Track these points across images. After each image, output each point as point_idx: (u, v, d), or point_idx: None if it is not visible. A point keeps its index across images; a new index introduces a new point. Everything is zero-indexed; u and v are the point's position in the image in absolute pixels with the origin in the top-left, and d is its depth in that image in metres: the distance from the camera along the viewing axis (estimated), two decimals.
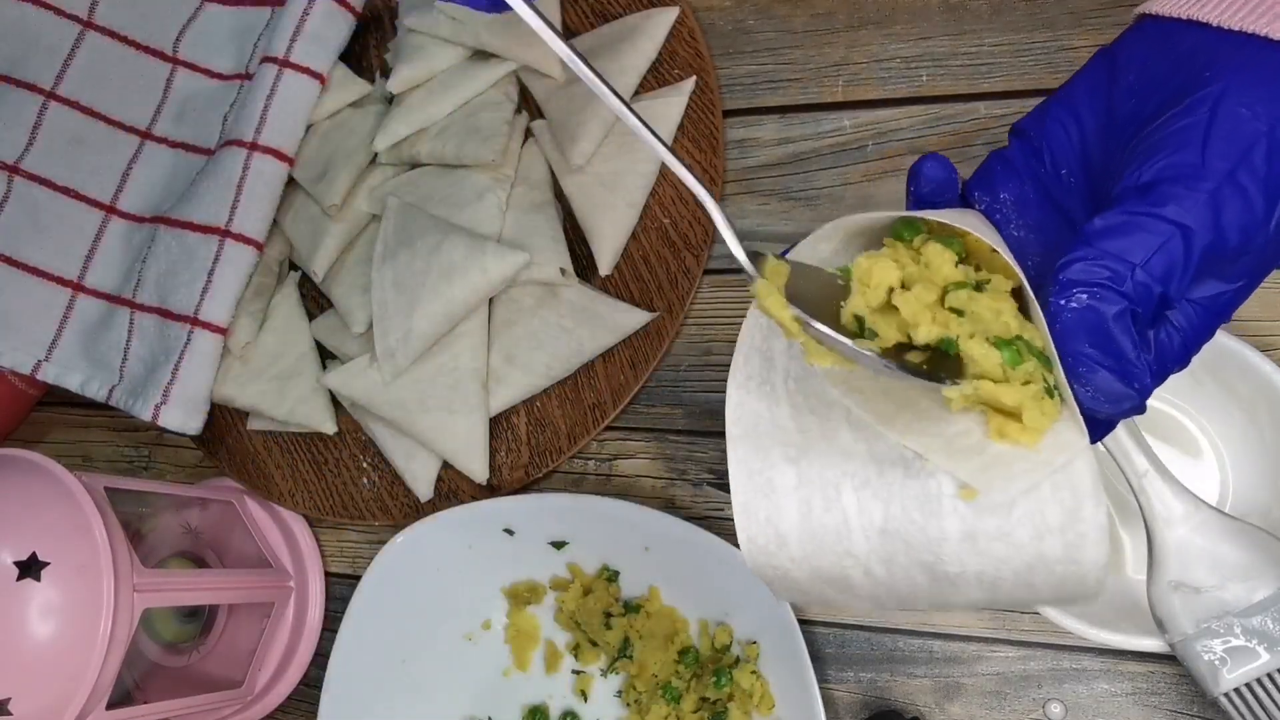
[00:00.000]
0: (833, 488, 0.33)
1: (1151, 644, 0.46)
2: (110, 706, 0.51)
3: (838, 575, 0.34)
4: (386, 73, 0.68)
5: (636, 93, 0.62)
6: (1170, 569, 0.43)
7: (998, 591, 0.33)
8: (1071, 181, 0.36)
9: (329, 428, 0.64)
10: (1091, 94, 0.35)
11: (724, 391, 0.60)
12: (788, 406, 0.35)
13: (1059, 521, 0.31)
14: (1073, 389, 0.31)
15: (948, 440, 0.32)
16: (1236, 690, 0.42)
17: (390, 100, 0.67)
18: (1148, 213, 0.30)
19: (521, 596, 0.60)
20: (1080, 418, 0.31)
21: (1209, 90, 0.31)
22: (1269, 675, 0.42)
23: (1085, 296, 0.30)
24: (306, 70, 0.65)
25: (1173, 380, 0.49)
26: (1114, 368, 0.30)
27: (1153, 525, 0.43)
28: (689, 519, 0.55)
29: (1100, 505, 0.31)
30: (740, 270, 0.36)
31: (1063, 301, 0.30)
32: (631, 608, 0.58)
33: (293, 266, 0.69)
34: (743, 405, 0.36)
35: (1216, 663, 0.42)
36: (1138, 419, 0.45)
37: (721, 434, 0.59)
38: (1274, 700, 0.42)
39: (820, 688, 0.52)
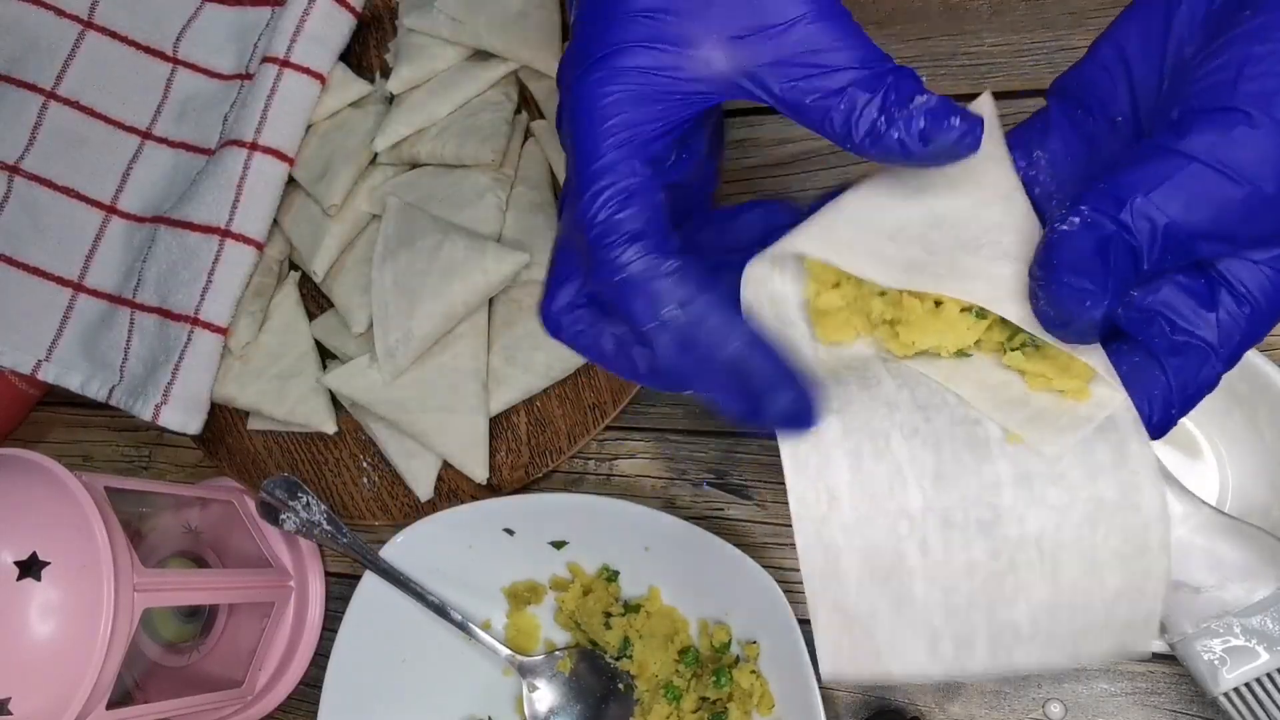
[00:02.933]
0: (881, 437, 0.32)
1: (1151, 644, 0.46)
2: (110, 706, 0.51)
3: (892, 556, 0.32)
4: (386, 73, 0.68)
5: None
6: (1170, 569, 0.43)
7: (1060, 579, 0.31)
8: (1122, 127, 0.35)
9: (329, 428, 0.64)
10: (1144, 34, 0.34)
11: None
12: (821, 369, 0.34)
13: (1109, 459, 0.31)
14: (1036, 298, 0.30)
15: (992, 390, 0.32)
16: (1236, 690, 0.42)
17: (390, 100, 0.67)
18: (1167, 146, 0.29)
19: (521, 596, 0.60)
20: (1111, 369, 0.31)
21: (1250, 25, 0.30)
22: (1269, 675, 0.42)
23: (1077, 220, 0.30)
24: (307, 70, 0.65)
25: None
26: (1075, 285, 0.29)
27: None
28: (689, 519, 0.55)
29: (1146, 444, 0.31)
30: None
31: (1058, 224, 0.30)
32: (631, 608, 0.58)
33: (293, 266, 0.69)
34: None
35: (1216, 662, 0.42)
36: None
37: (721, 434, 0.59)
38: (1274, 700, 0.42)
39: (820, 687, 0.52)
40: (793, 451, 0.32)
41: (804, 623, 0.55)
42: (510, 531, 0.59)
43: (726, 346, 0.32)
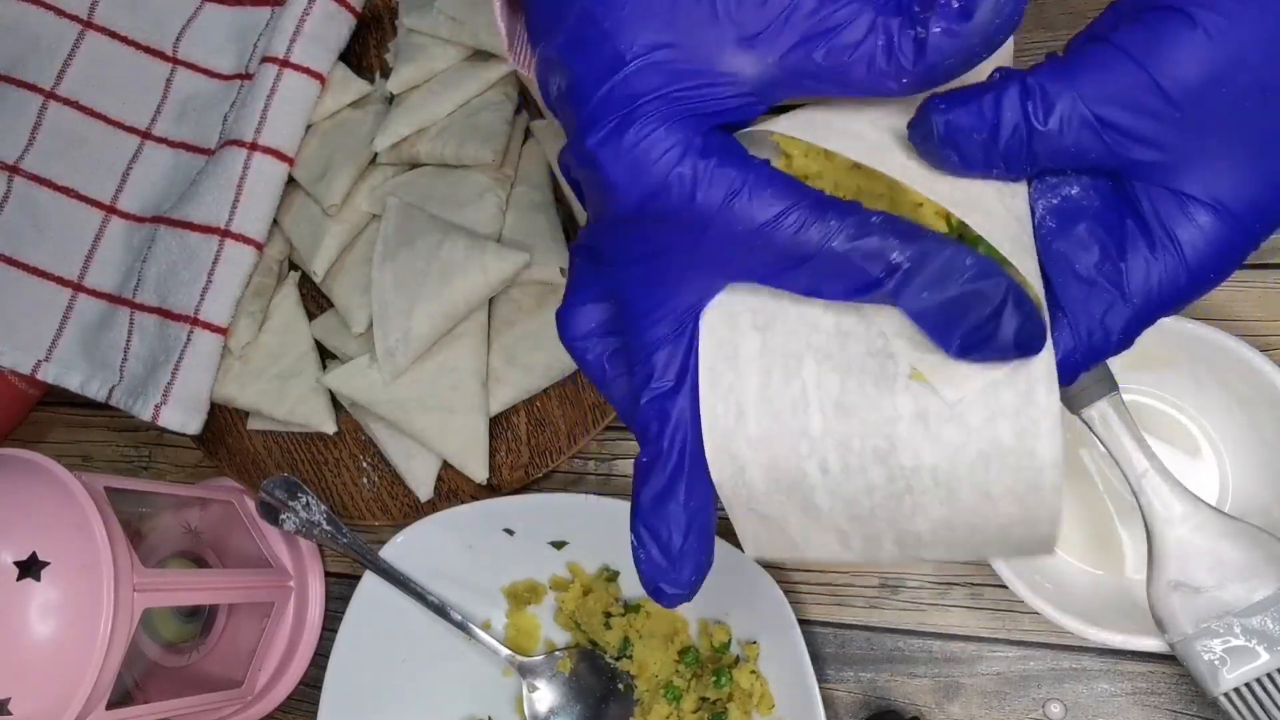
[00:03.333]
0: (794, 359, 0.32)
1: (1151, 644, 0.46)
2: (110, 706, 0.51)
3: (794, 473, 0.33)
4: (386, 73, 0.68)
5: None
6: (1170, 569, 0.43)
7: (956, 503, 0.32)
8: None
9: (329, 428, 0.64)
10: None
11: None
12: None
13: (1013, 404, 0.30)
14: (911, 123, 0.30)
15: (913, 332, 0.31)
16: (1236, 690, 0.42)
17: (390, 100, 0.67)
18: (1096, 35, 0.29)
19: (521, 596, 0.60)
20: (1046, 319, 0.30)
21: None
22: (1269, 675, 0.42)
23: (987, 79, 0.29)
24: (306, 70, 0.65)
25: (1173, 380, 0.50)
26: (965, 117, 0.29)
27: (1152, 525, 0.43)
28: None
29: (1054, 394, 0.30)
30: None
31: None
32: (631, 607, 0.58)
33: (293, 266, 0.69)
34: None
35: (1216, 663, 0.42)
36: (1137, 419, 0.45)
37: None
38: (1274, 700, 0.42)
39: (820, 687, 0.52)
40: (710, 365, 0.33)
41: (804, 622, 0.56)
42: (510, 531, 0.59)
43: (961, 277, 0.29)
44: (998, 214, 0.31)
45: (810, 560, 0.35)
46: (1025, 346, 0.29)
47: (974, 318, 0.29)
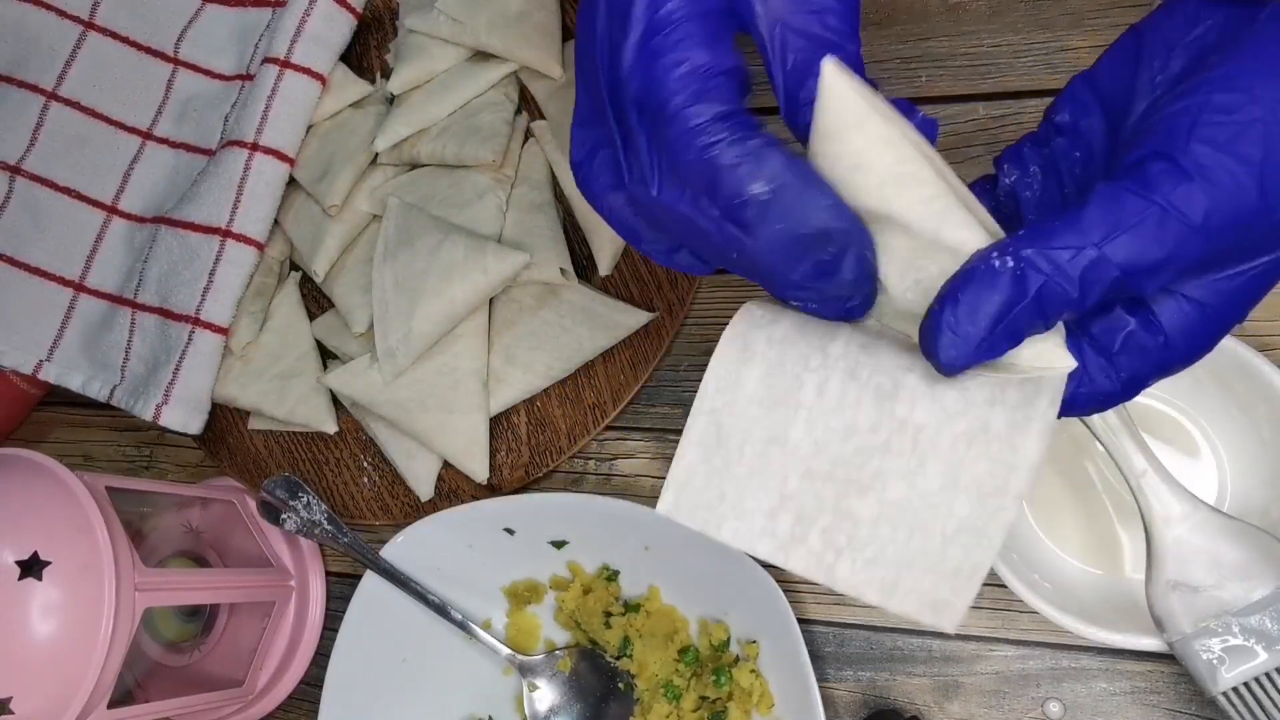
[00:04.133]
0: (827, 333, 0.34)
1: (1150, 643, 0.46)
2: (111, 705, 0.51)
3: (791, 384, 0.33)
4: (387, 73, 0.68)
5: None
6: (1168, 568, 0.43)
7: (919, 484, 0.32)
8: (1079, 160, 0.36)
9: (329, 427, 0.64)
10: (1114, 71, 0.35)
11: None
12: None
13: (1015, 400, 0.31)
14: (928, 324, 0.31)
15: None
16: (1235, 689, 0.42)
17: (391, 101, 0.67)
18: (1128, 189, 0.29)
19: (521, 596, 0.60)
20: (1064, 345, 0.31)
21: (1213, 73, 0.30)
22: (1267, 674, 0.42)
23: (987, 258, 0.30)
24: (307, 71, 0.65)
25: (1172, 380, 0.50)
26: (951, 327, 0.30)
27: (1151, 525, 0.44)
28: None
29: (1054, 408, 0.31)
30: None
31: (994, 259, 0.30)
32: (631, 607, 0.58)
33: (294, 266, 0.69)
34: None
35: (1215, 662, 0.42)
36: (1137, 419, 0.45)
37: None
38: (1272, 699, 0.42)
39: (820, 687, 0.52)
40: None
41: (804, 622, 0.56)
42: (510, 531, 0.59)
43: (814, 218, 0.31)
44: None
45: (719, 536, 0.35)
46: (853, 305, 0.32)
47: (816, 255, 0.31)
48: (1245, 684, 0.42)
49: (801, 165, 0.31)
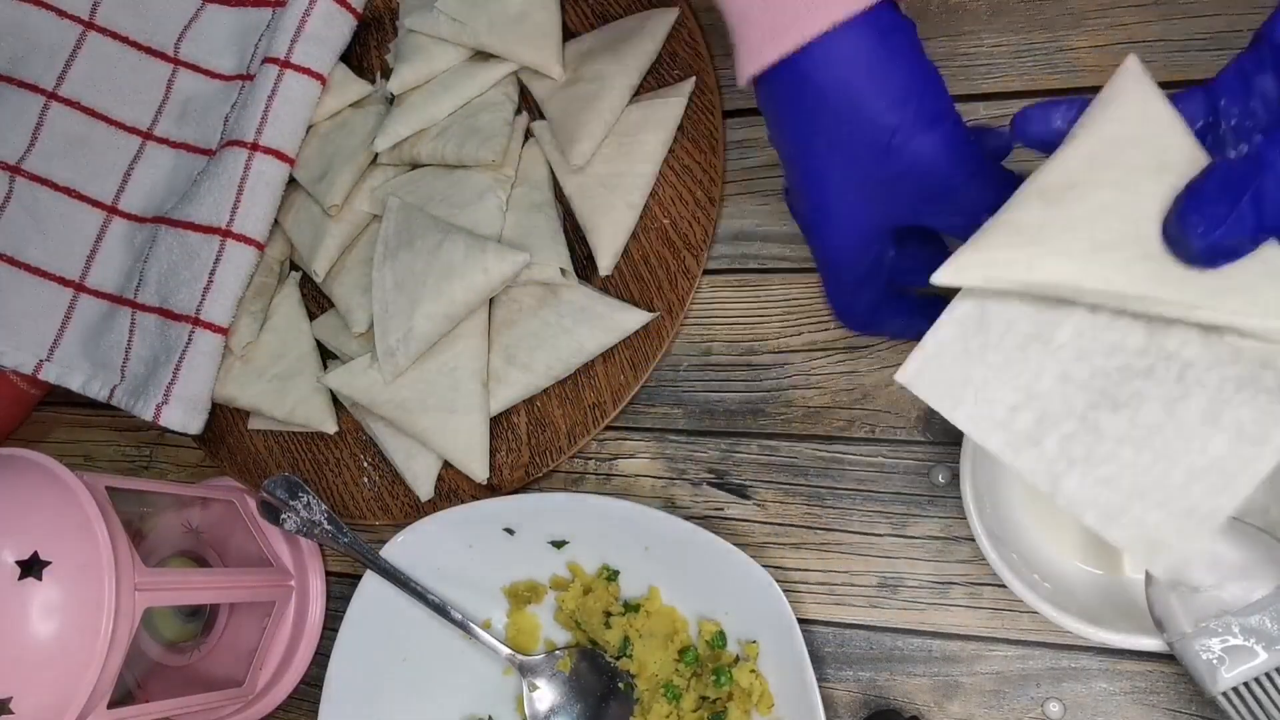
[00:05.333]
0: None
1: (1150, 643, 0.46)
2: (111, 705, 0.51)
3: (1067, 291, 0.33)
4: (387, 73, 0.68)
5: (637, 93, 0.62)
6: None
7: (1177, 415, 0.32)
8: None
9: (329, 427, 0.64)
10: None
11: (723, 391, 0.60)
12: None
13: None
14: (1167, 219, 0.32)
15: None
16: (1235, 689, 0.42)
17: (391, 101, 0.67)
18: None
19: (521, 596, 0.60)
20: None
21: None
22: (1267, 674, 0.42)
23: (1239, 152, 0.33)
24: (307, 71, 0.65)
25: None
26: (1203, 211, 0.31)
27: None
28: (689, 519, 0.55)
29: None
30: (737, 270, 0.36)
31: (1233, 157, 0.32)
32: (631, 607, 0.58)
33: (294, 266, 0.69)
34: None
35: (1214, 661, 0.42)
36: None
37: (721, 434, 0.59)
38: (1272, 699, 0.42)
39: (820, 687, 0.52)
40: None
41: (804, 622, 0.56)
42: (510, 531, 0.59)
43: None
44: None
45: (943, 413, 0.35)
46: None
47: None
48: (1245, 684, 0.42)
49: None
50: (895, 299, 0.46)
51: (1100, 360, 0.33)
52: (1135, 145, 0.34)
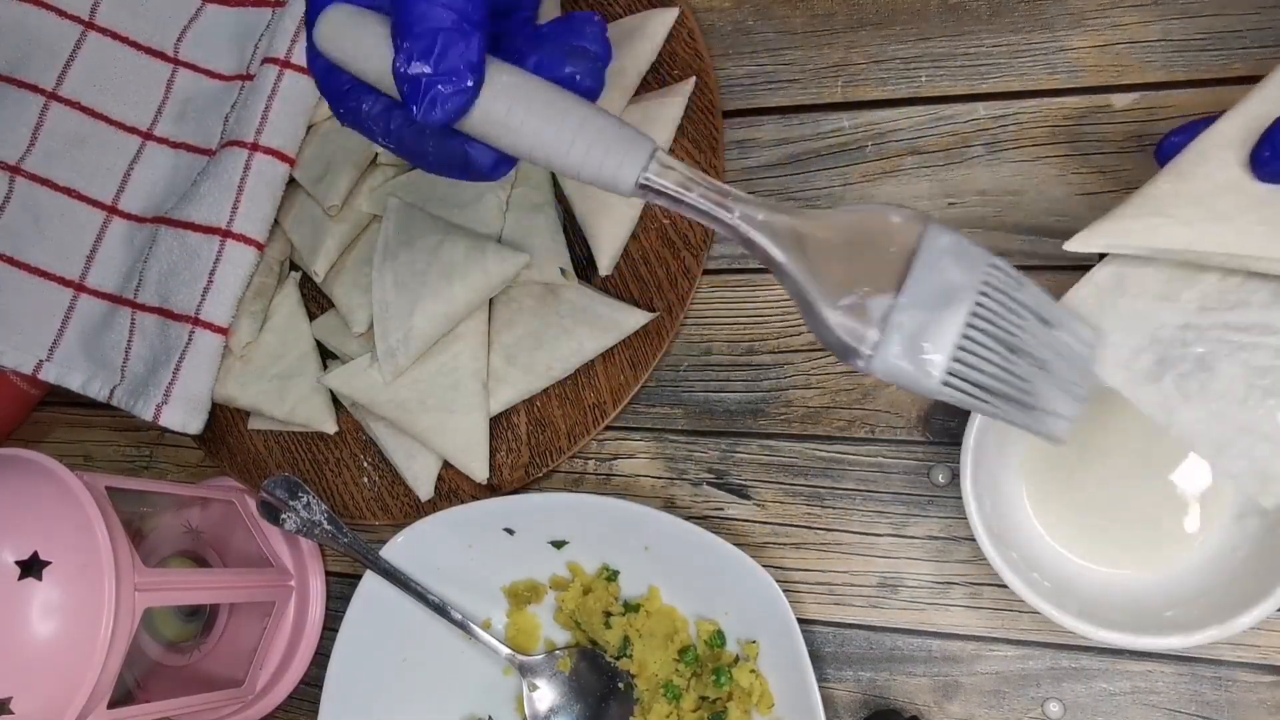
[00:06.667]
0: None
1: (1150, 643, 0.46)
2: (111, 705, 0.51)
3: (1197, 269, 0.38)
4: None
5: (637, 93, 0.62)
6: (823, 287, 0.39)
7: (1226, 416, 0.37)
8: None
9: (329, 427, 0.64)
10: None
11: (723, 391, 0.60)
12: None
13: None
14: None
15: None
16: (949, 373, 0.36)
17: None
18: None
19: (521, 596, 0.60)
20: None
21: None
22: (964, 335, 0.36)
23: None
24: (307, 71, 0.65)
25: None
26: None
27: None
28: (689, 519, 0.56)
29: None
30: (737, 270, 0.36)
31: None
32: (631, 607, 0.58)
33: (294, 266, 0.69)
34: None
35: (916, 354, 0.37)
36: (1138, 416, 0.45)
37: (721, 433, 0.60)
38: (980, 355, 0.37)
39: (820, 687, 0.52)
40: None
41: (804, 622, 0.56)
42: (510, 531, 0.59)
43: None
44: None
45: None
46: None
47: None
48: (955, 360, 0.36)
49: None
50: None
51: (1220, 315, 0.38)
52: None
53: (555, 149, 0.38)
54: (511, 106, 0.38)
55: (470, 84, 0.37)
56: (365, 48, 0.39)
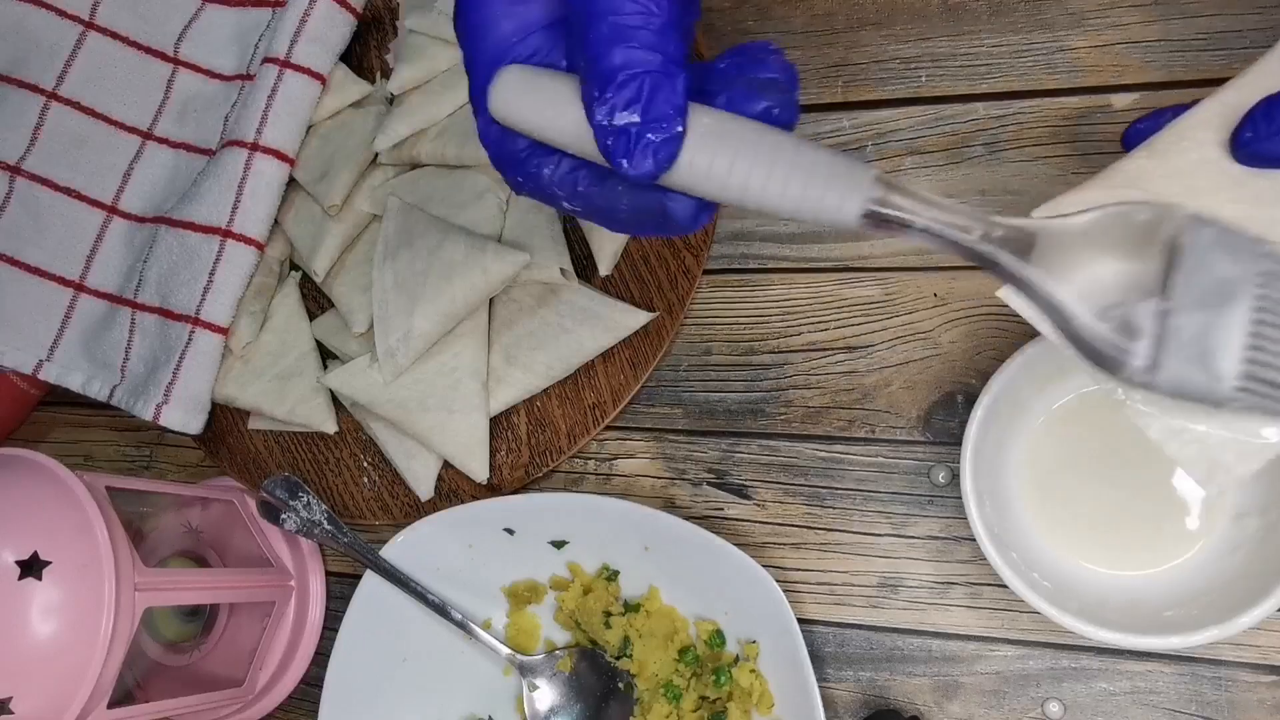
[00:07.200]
0: None
1: (1150, 643, 0.46)
2: (111, 705, 0.51)
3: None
4: (387, 73, 0.68)
5: None
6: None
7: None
8: None
9: (329, 427, 0.64)
10: None
11: (723, 391, 0.60)
12: None
13: None
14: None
15: None
16: (1243, 375, 0.35)
17: (391, 101, 0.67)
18: None
19: (521, 596, 0.60)
20: None
21: None
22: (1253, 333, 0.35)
23: None
24: (307, 71, 0.65)
25: None
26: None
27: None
28: (689, 519, 0.56)
29: None
30: (737, 270, 0.36)
31: None
32: (631, 607, 0.58)
33: (294, 266, 0.69)
34: None
35: (1205, 348, 0.35)
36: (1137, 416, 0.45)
37: (721, 433, 0.60)
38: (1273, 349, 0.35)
39: (820, 687, 0.52)
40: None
41: (804, 622, 0.56)
42: (510, 531, 0.59)
43: None
44: None
45: (1046, 333, 0.37)
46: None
47: None
48: (1247, 361, 0.34)
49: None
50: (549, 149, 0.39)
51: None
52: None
53: (768, 191, 0.35)
54: (717, 150, 0.35)
55: (680, 129, 0.34)
56: (551, 106, 0.36)
